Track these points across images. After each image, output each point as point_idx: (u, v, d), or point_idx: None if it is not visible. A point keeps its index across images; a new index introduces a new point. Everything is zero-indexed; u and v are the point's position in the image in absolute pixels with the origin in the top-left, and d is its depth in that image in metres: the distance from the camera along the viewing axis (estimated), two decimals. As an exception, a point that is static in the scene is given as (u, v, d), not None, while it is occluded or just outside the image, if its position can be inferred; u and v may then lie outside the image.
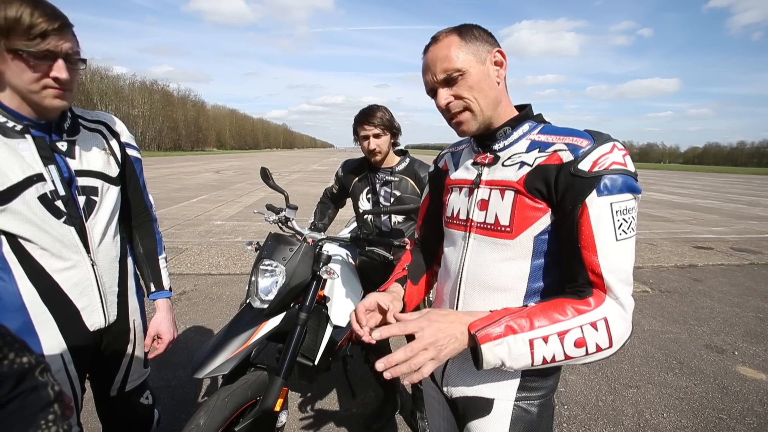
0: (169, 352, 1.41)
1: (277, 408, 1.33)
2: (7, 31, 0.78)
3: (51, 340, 1.00)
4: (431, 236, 1.15)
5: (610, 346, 0.72)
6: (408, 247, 1.72)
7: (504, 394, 0.87)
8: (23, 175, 0.91)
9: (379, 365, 0.68)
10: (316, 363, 1.58)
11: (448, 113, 0.86)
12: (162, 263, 1.31)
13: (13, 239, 0.92)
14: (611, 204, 0.72)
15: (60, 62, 0.87)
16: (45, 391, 0.52)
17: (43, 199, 0.94)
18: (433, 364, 0.69)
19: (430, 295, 1.92)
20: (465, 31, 0.83)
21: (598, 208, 0.72)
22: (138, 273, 1.28)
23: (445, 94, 0.84)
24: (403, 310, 0.96)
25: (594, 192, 0.72)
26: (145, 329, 1.27)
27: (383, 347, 2.03)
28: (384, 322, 0.89)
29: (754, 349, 3.15)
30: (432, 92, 0.87)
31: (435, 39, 0.84)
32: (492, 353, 0.71)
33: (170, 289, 1.32)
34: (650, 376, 2.72)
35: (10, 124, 0.91)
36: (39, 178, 0.93)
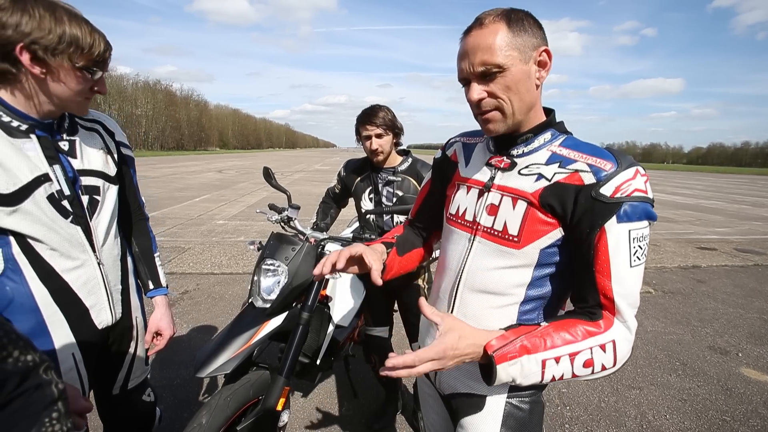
0: (171, 351, 1.42)
1: (279, 407, 1.33)
2: (81, 50, 0.90)
3: (63, 340, 1.01)
4: (424, 224, 1.12)
5: (614, 365, 0.74)
6: None
7: (496, 392, 0.88)
8: (32, 175, 0.92)
9: (383, 372, 0.70)
10: (318, 362, 1.58)
11: (477, 109, 0.81)
12: (157, 261, 1.33)
13: (22, 240, 0.93)
14: (629, 231, 0.72)
15: (103, 78, 1.00)
16: (49, 389, 0.52)
17: (51, 198, 0.95)
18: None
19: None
20: (515, 19, 0.75)
21: (616, 234, 0.72)
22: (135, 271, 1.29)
23: (478, 89, 0.77)
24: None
25: (614, 218, 0.72)
26: (145, 326, 1.29)
27: (385, 347, 2.03)
28: (362, 274, 0.91)
29: (758, 350, 3.13)
30: (464, 81, 0.81)
31: (480, 22, 0.76)
32: (506, 372, 0.72)
33: (167, 286, 1.34)
34: (653, 377, 2.71)
35: (15, 123, 0.91)
36: (46, 178, 0.94)
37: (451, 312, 0.90)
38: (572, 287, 0.82)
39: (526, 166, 0.82)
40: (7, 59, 0.84)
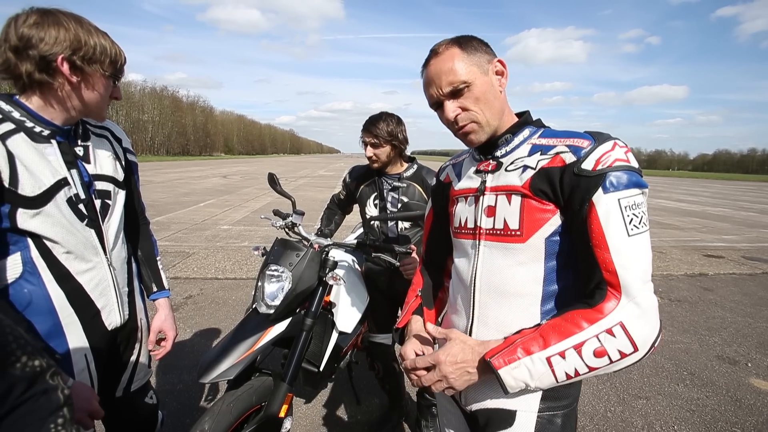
0: (174, 356, 1.42)
1: (282, 414, 1.32)
2: (109, 59, 0.98)
3: (77, 341, 1.03)
4: (438, 250, 1.14)
5: (636, 350, 0.70)
6: (413, 254, 1.71)
7: (527, 406, 0.85)
8: (53, 179, 0.95)
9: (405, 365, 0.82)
10: (321, 369, 1.58)
11: (455, 125, 0.87)
12: (159, 264, 1.36)
13: (40, 243, 0.95)
14: (619, 200, 0.72)
15: (119, 85, 1.08)
16: (55, 394, 0.53)
17: (69, 202, 0.98)
18: (448, 390, 0.80)
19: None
20: (465, 42, 0.84)
21: (605, 204, 0.73)
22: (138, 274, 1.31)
23: (452, 107, 0.84)
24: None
25: (600, 189, 0.73)
26: (148, 328, 1.30)
27: (388, 354, 2.02)
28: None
29: (768, 360, 3.08)
30: (436, 105, 0.88)
31: (435, 52, 0.85)
32: (511, 377, 0.73)
33: (169, 289, 1.37)
34: (660, 386, 2.67)
35: (38, 129, 0.95)
36: (65, 182, 0.98)
37: (472, 321, 0.90)
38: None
39: (512, 162, 0.86)
40: (46, 70, 0.89)
